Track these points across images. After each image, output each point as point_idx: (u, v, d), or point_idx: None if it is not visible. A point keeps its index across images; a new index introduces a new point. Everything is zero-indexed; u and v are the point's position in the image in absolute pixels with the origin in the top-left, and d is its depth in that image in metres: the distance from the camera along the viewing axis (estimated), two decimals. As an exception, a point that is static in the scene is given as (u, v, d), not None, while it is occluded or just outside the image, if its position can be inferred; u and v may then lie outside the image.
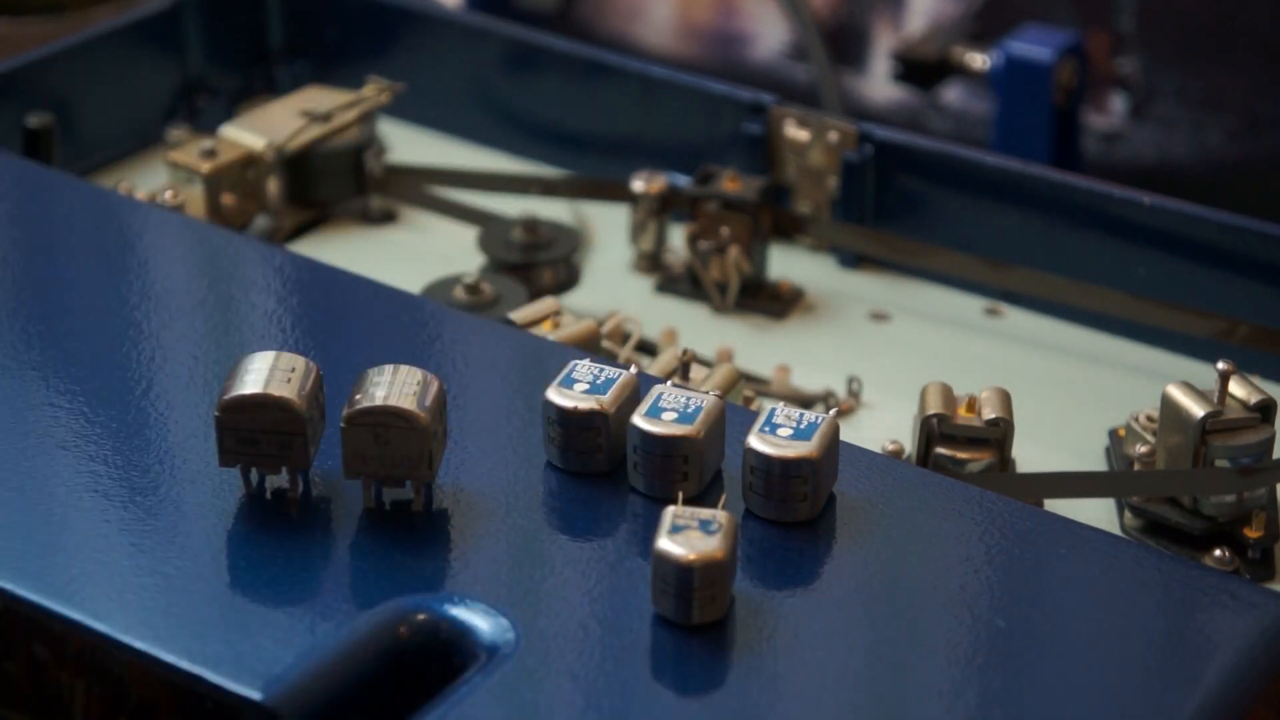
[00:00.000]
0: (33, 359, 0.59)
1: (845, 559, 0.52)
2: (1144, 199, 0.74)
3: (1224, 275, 0.73)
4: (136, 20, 0.87)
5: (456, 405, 0.56)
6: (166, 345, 0.61)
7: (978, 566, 0.52)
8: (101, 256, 0.66)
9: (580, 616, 0.49)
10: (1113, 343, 0.76)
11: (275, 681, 0.47)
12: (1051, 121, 0.93)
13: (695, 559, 0.48)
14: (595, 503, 0.53)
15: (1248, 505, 0.61)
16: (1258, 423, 0.61)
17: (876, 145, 0.79)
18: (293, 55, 0.92)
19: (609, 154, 0.85)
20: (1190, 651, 0.49)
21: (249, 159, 0.79)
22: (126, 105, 0.87)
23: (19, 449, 0.55)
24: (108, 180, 0.85)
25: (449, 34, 0.89)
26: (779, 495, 0.52)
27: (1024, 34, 0.94)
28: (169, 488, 0.54)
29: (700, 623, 0.48)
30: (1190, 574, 0.52)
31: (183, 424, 0.57)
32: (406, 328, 0.62)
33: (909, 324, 0.77)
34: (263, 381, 0.52)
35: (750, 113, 0.81)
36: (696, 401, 0.54)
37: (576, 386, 0.54)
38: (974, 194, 0.77)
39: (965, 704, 0.47)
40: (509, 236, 0.76)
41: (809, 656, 0.48)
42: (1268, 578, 0.61)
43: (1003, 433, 0.62)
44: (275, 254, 0.67)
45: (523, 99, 0.87)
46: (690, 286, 0.78)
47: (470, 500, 0.53)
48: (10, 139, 0.80)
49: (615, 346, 0.69)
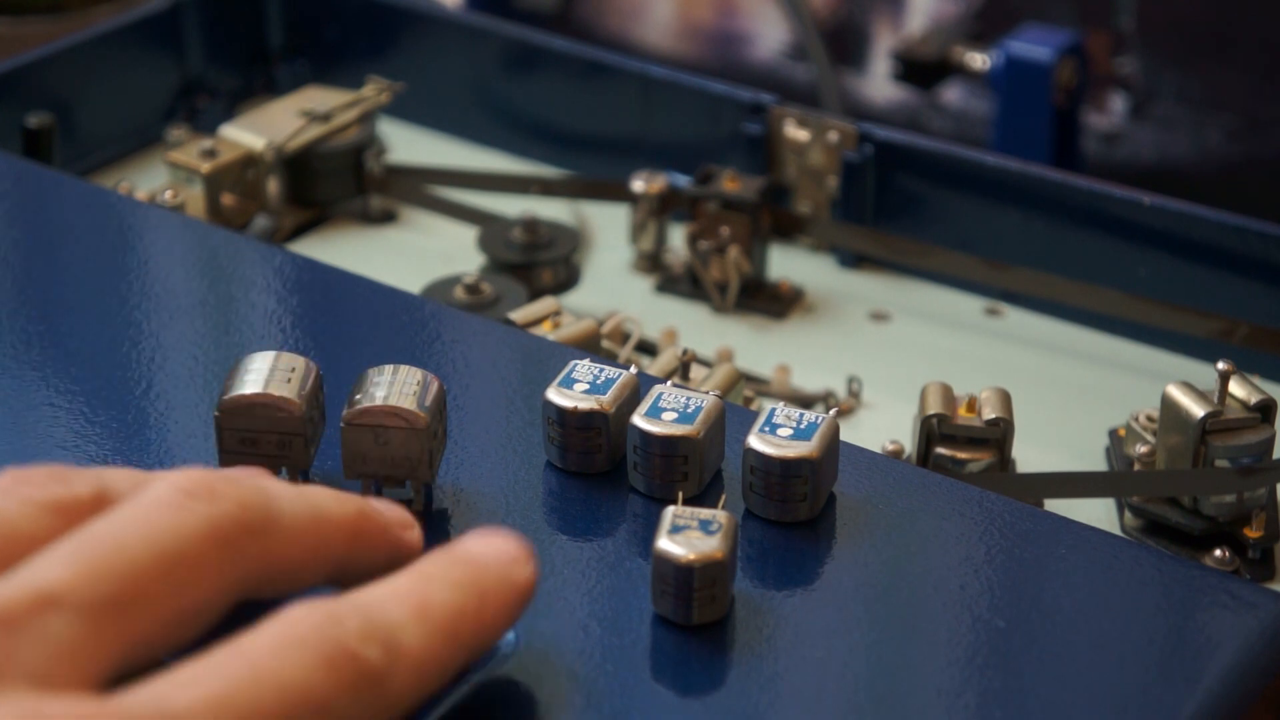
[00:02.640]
0: (33, 359, 0.59)
1: (845, 559, 0.52)
2: (1144, 199, 0.74)
3: (1224, 275, 0.73)
4: (136, 20, 0.87)
5: (456, 405, 0.56)
6: (166, 345, 0.60)
7: (978, 566, 0.52)
8: (101, 256, 0.66)
9: (580, 616, 0.49)
10: (1113, 343, 0.76)
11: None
12: (1051, 121, 0.93)
13: (695, 559, 0.48)
14: (595, 503, 0.53)
15: (1248, 505, 0.61)
16: (1258, 423, 0.61)
17: (876, 145, 0.79)
18: (293, 55, 0.92)
19: (609, 154, 0.85)
20: (1190, 651, 0.49)
21: (249, 159, 0.79)
22: (126, 105, 0.87)
23: (19, 449, 0.55)
24: (108, 180, 0.85)
25: (449, 34, 0.89)
26: (779, 495, 0.52)
27: (1024, 34, 0.94)
28: (169, 488, 0.54)
29: (700, 623, 0.48)
30: (1190, 574, 0.52)
31: (183, 424, 0.57)
32: (406, 328, 0.62)
33: (909, 324, 0.77)
34: (263, 381, 0.52)
35: (750, 113, 0.81)
36: (696, 401, 0.54)
37: (576, 386, 0.54)
38: (974, 194, 0.77)
39: (965, 704, 0.47)
40: (509, 236, 0.76)
41: (809, 656, 0.48)
42: (1268, 578, 0.61)
43: (1003, 433, 0.62)
44: (275, 254, 0.67)
45: (523, 99, 0.87)
46: (690, 286, 0.78)
47: (470, 500, 0.53)
48: (10, 139, 0.80)
49: (615, 346, 0.69)
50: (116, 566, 0.41)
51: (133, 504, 0.43)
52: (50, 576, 0.41)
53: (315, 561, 0.46)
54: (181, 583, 0.42)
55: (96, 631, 0.40)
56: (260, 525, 0.44)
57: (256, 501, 0.44)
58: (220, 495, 0.44)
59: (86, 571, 0.41)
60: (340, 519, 0.47)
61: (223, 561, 0.43)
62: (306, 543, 0.46)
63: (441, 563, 0.45)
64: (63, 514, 0.43)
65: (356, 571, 0.47)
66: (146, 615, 0.41)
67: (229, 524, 0.43)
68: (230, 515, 0.43)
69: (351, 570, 0.47)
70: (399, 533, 0.48)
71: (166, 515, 0.43)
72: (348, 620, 0.42)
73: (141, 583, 0.41)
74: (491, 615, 0.45)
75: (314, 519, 0.46)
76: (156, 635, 0.42)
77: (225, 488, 0.44)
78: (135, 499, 0.43)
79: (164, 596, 0.42)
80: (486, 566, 0.45)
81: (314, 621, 0.41)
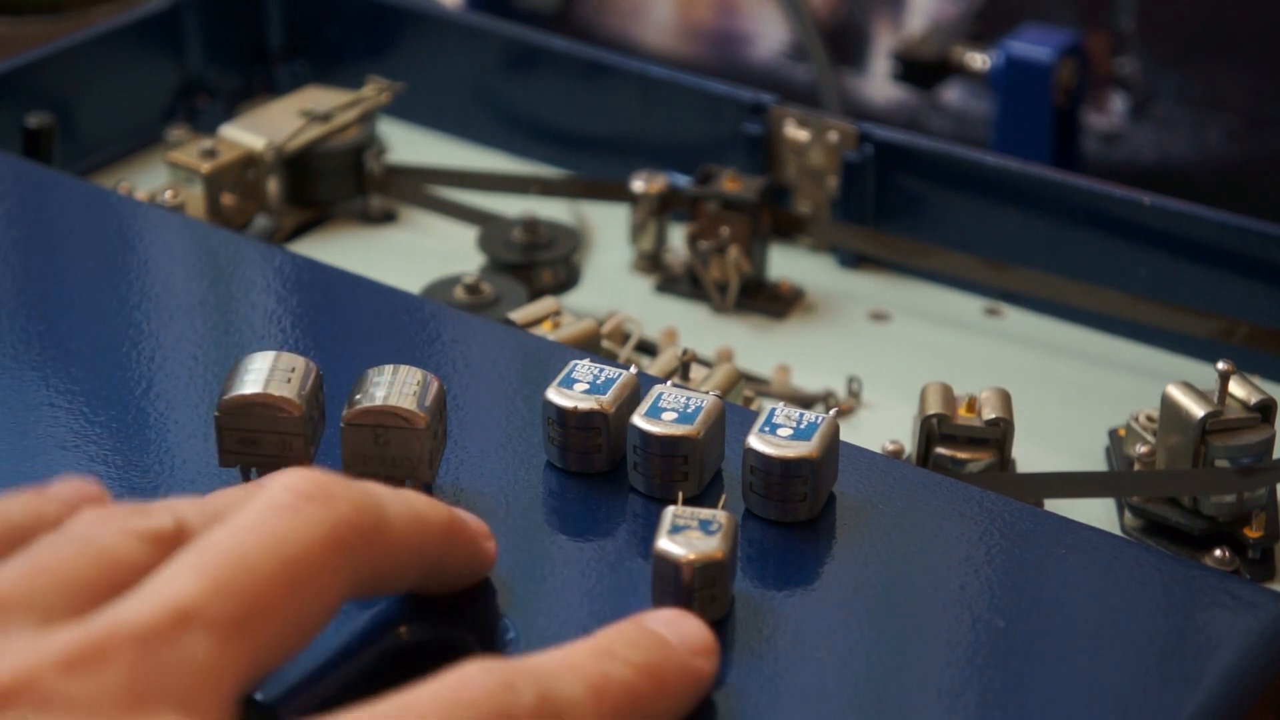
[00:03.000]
0: (33, 359, 0.59)
1: (845, 559, 0.52)
2: (1144, 199, 0.74)
3: (1224, 275, 0.73)
4: (136, 20, 0.87)
5: (456, 405, 0.56)
6: (166, 345, 0.60)
7: (978, 566, 0.52)
8: (101, 256, 0.66)
9: (580, 616, 0.49)
10: (1113, 343, 0.76)
11: (274, 681, 0.47)
12: (1051, 121, 0.93)
13: (695, 559, 0.48)
14: (595, 503, 0.53)
15: (1248, 505, 0.61)
16: (1258, 423, 0.61)
17: (876, 145, 0.79)
18: (293, 55, 0.92)
19: (609, 154, 0.85)
20: (1190, 651, 0.49)
21: (249, 159, 0.79)
22: (126, 105, 0.87)
23: (19, 449, 0.55)
24: (108, 180, 0.85)
25: (449, 34, 0.89)
26: (779, 495, 0.52)
27: (1024, 34, 0.94)
28: (169, 488, 0.54)
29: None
30: (1190, 574, 0.52)
31: (183, 424, 0.57)
32: (406, 328, 0.62)
33: (909, 324, 0.77)
34: (263, 381, 0.52)
35: (750, 113, 0.81)
36: (696, 401, 0.54)
37: (576, 386, 0.54)
38: (974, 194, 0.77)
39: (965, 704, 0.47)
40: (509, 236, 0.76)
41: (809, 656, 0.48)
42: (1268, 578, 0.61)
43: (1003, 433, 0.62)
44: (275, 254, 0.67)
45: (523, 99, 0.87)
46: (690, 286, 0.78)
47: (470, 500, 0.53)
48: (10, 139, 0.80)
49: (615, 346, 0.69)
50: (243, 579, 0.41)
51: (248, 511, 0.42)
52: (183, 592, 0.40)
53: (414, 564, 0.46)
54: (302, 590, 0.42)
55: (229, 648, 0.40)
56: (372, 528, 0.44)
57: (369, 504, 0.44)
58: (336, 498, 0.43)
59: (217, 585, 0.40)
60: (437, 523, 0.46)
61: (340, 566, 0.43)
62: (410, 546, 0.45)
63: (626, 639, 0.44)
64: (157, 543, 0.42)
65: (442, 577, 0.47)
66: (270, 627, 0.41)
67: (346, 528, 0.43)
68: (346, 519, 0.43)
69: (439, 574, 0.47)
70: (482, 543, 0.48)
71: (285, 521, 0.42)
72: (523, 692, 0.41)
73: (267, 594, 0.41)
74: (665, 705, 0.44)
75: (416, 522, 0.46)
76: (276, 648, 0.41)
77: (340, 490, 0.43)
78: (249, 505, 0.43)
79: (286, 606, 0.41)
80: (671, 652, 0.44)
81: (488, 687, 0.40)
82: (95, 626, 0.39)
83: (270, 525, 0.42)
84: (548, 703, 0.41)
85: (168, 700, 0.38)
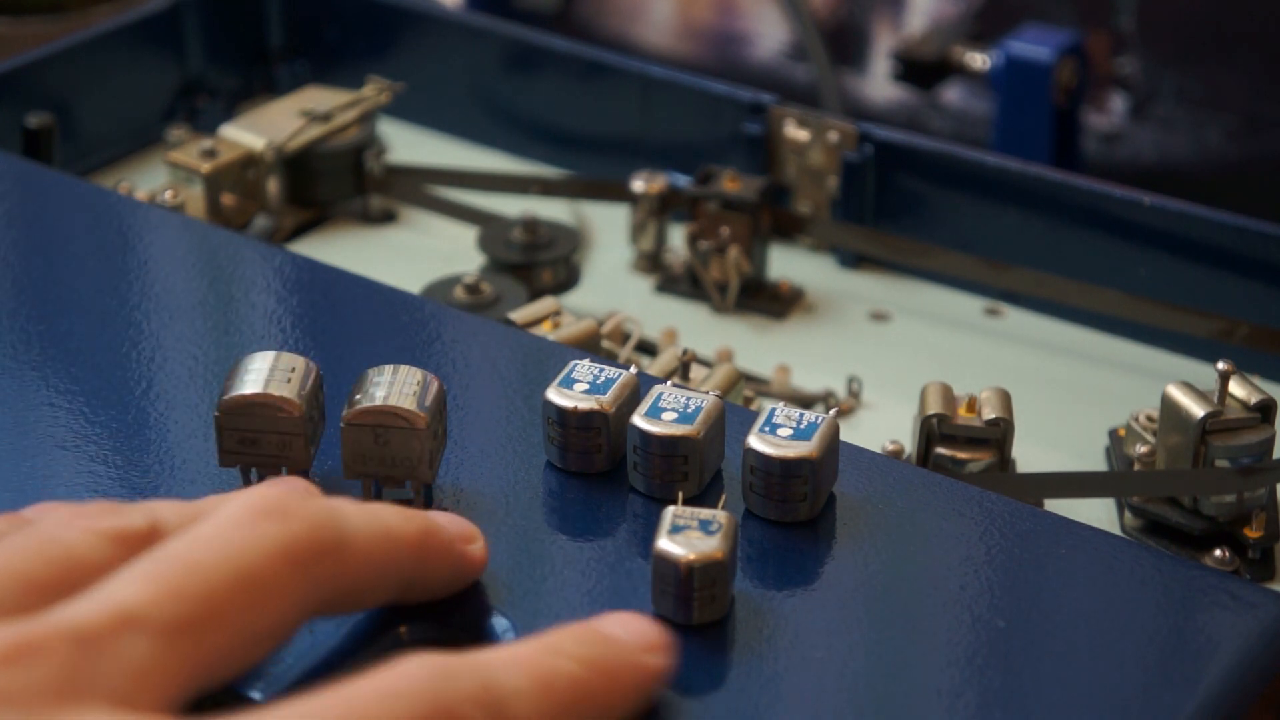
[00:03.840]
0: (33, 359, 0.59)
1: (845, 559, 0.52)
2: (1144, 199, 0.74)
3: (1224, 275, 0.73)
4: (136, 20, 0.87)
5: (456, 405, 0.56)
6: (166, 345, 0.60)
7: (978, 566, 0.52)
8: (101, 256, 0.66)
9: (580, 617, 0.49)
10: (1113, 343, 0.76)
11: (274, 681, 0.47)
12: (1051, 121, 0.93)
13: (695, 559, 0.48)
14: (595, 503, 0.53)
15: (1248, 505, 0.61)
16: (1258, 423, 0.61)
17: (876, 145, 0.79)
18: (293, 55, 0.92)
19: (609, 154, 0.85)
20: (1190, 651, 0.49)
21: (249, 159, 0.79)
22: (126, 105, 0.87)
23: (19, 449, 0.55)
24: (108, 180, 0.85)
25: (449, 34, 0.89)
26: (779, 495, 0.52)
27: (1024, 34, 0.94)
28: (169, 488, 0.54)
29: (700, 623, 0.48)
30: (1190, 574, 0.52)
31: (183, 424, 0.57)
32: (406, 328, 0.62)
33: (909, 324, 0.77)
34: (263, 381, 0.52)
35: (750, 113, 0.81)
36: (696, 401, 0.54)
37: (576, 386, 0.54)
38: (974, 194, 0.77)
39: (965, 704, 0.47)
40: (509, 236, 0.76)
41: (809, 656, 0.48)
42: (1268, 578, 0.61)
43: (1003, 433, 0.62)
44: (275, 254, 0.67)
45: (523, 99, 0.87)
46: (690, 286, 0.78)
47: (470, 500, 0.53)
48: (10, 139, 0.80)
49: (615, 346, 0.69)
50: (193, 586, 0.41)
51: (206, 524, 0.43)
52: (129, 596, 0.40)
53: (384, 580, 0.46)
54: (255, 603, 0.42)
55: (173, 652, 0.40)
56: (332, 545, 0.44)
57: (328, 521, 0.44)
58: (293, 515, 0.43)
59: (164, 591, 0.41)
60: (407, 537, 0.46)
61: (295, 582, 0.43)
62: (376, 561, 0.45)
63: (573, 636, 0.44)
64: (123, 543, 0.43)
65: (421, 588, 0.47)
66: (220, 637, 0.41)
67: (302, 544, 0.43)
68: (303, 535, 0.43)
69: (416, 587, 0.47)
70: (462, 548, 0.48)
71: (241, 535, 0.43)
72: (461, 680, 0.41)
73: (217, 603, 0.41)
74: (617, 699, 0.44)
75: (383, 537, 0.46)
76: (227, 657, 0.42)
77: (298, 507, 0.44)
78: (208, 519, 0.43)
79: (237, 617, 0.42)
80: (620, 647, 0.44)
81: (424, 675, 0.41)
82: (37, 623, 0.40)
83: (225, 537, 0.43)
84: (488, 692, 0.41)
85: (99, 697, 0.39)
